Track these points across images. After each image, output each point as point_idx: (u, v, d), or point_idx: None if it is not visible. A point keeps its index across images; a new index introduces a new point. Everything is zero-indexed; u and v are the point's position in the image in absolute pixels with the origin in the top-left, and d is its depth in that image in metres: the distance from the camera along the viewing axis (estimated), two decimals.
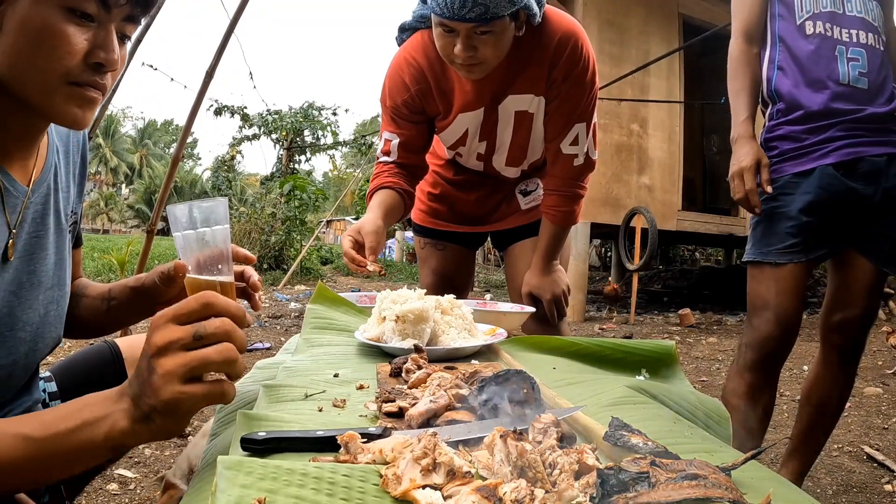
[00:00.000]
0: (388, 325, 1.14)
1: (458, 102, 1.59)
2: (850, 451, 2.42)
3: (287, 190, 10.32)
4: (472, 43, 1.36)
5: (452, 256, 1.95)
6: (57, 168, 0.95)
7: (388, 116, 1.65)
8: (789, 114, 1.62)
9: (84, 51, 0.75)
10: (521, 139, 1.67)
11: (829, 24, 1.58)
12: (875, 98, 1.56)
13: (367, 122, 37.18)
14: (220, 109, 11.62)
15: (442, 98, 1.60)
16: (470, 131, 1.66)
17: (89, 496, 1.84)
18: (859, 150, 1.55)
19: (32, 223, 0.89)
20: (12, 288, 0.86)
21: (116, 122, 47.16)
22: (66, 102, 0.77)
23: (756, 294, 1.68)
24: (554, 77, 1.53)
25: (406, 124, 1.63)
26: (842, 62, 1.56)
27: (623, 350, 1.20)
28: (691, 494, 0.47)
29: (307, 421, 0.74)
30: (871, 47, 1.57)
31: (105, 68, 0.77)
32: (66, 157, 1.00)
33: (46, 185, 0.92)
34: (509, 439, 0.56)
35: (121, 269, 7.47)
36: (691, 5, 6.90)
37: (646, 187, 6.58)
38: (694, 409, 0.95)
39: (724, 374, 3.74)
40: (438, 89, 1.58)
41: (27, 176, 0.88)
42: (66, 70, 0.75)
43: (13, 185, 0.84)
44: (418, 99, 1.59)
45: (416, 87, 1.58)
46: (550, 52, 1.49)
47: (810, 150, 1.59)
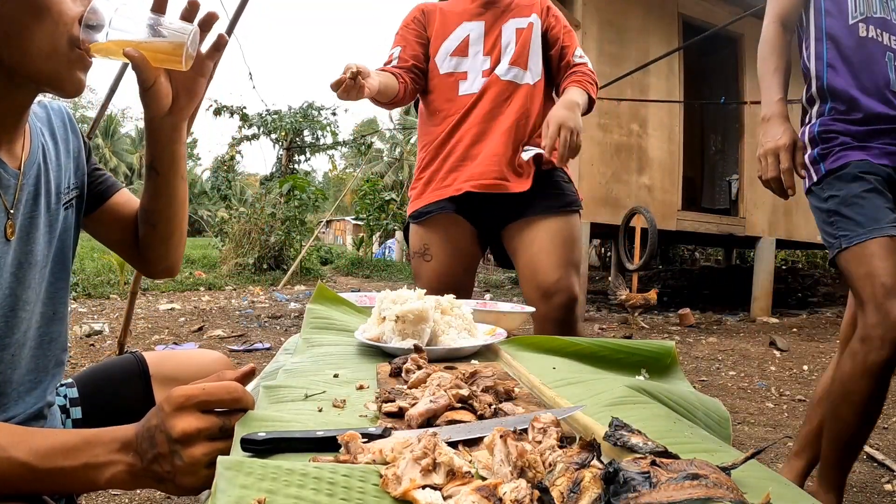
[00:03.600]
0: (388, 325, 1.14)
1: (460, 14, 1.91)
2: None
3: (286, 190, 10.31)
4: None
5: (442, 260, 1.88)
6: (45, 149, 0.96)
7: (397, 36, 1.97)
8: (849, 114, 1.56)
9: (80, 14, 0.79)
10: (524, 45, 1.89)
11: (880, 30, 1.56)
12: None
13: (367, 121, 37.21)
14: (219, 109, 11.61)
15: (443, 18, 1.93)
16: (472, 38, 1.89)
17: (89, 496, 1.84)
18: None
19: (27, 204, 0.91)
20: (12, 269, 0.88)
21: (116, 122, 47.13)
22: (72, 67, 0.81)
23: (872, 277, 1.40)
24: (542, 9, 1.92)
25: (410, 40, 1.93)
26: (891, 69, 1.55)
27: (623, 350, 1.20)
28: (693, 494, 0.47)
29: (307, 421, 0.74)
30: None
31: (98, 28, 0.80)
32: (54, 137, 1.01)
33: (37, 166, 0.93)
34: (509, 439, 0.56)
35: (120, 270, 7.47)
36: (691, 5, 6.90)
37: (645, 187, 6.58)
38: (694, 408, 0.95)
39: (724, 373, 3.74)
40: (442, 12, 1.94)
41: (16, 160, 0.89)
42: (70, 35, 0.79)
43: (4, 168, 0.86)
44: (422, 19, 1.95)
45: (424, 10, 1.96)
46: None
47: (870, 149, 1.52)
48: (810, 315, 6.78)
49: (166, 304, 6.21)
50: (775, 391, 3.34)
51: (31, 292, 0.92)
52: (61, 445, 0.67)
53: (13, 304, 0.89)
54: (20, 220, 0.89)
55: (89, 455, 0.67)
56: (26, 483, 0.66)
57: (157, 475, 0.66)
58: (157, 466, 0.65)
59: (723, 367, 3.92)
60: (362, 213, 15.10)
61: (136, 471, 0.66)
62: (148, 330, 4.69)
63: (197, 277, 8.78)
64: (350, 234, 25.50)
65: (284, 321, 5.39)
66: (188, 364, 1.26)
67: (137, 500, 1.86)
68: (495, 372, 0.93)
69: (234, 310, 6.03)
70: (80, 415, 1.10)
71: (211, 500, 0.49)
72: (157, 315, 5.49)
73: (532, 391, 0.91)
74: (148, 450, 0.66)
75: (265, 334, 4.70)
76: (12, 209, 0.87)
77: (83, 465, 0.66)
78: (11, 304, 0.88)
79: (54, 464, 0.66)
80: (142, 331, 4.64)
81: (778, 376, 3.72)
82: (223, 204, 11.76)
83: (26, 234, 0.91)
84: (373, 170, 31.07)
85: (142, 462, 0.66)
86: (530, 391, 0.92)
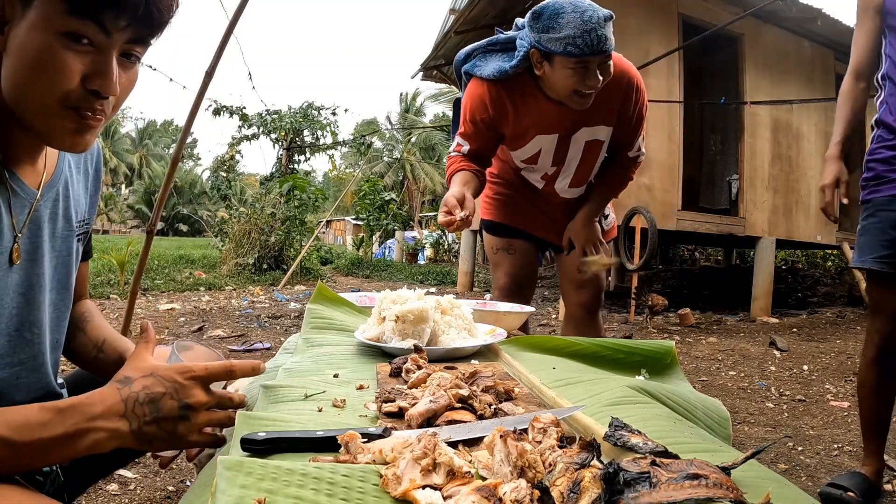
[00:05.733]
0: (388, 325, 1.14)
1: (536, 127, 1.83)
2: (850, 450, 2.42)
3: (286, 190, 10.30)
4: (601, 71, 1.63)
5: (521, 258, 2.13)
6: (68, 177, 0.96)
7: (465, 126, 1.88)
8: (888, 139, 1.81)
9: (81, 77, 0.73)
10: (588, 164, 1.94)
11: None
12: None
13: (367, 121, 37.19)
14: (218, 110, 11.60)
15: (517, 123, 1.83)
16: (543, 151, 1.89)
17: (89, 496, 1.84)
18: None
19: (41, 226, 0.89)
20: (21, 290, 0.87)
21: (116, 122, 47.11)
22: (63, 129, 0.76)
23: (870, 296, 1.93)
24: (623, 111, 1.83)
25: (478, 137, 1.87)
26: None
27: (623, 350, 1.20)
28: (693, 494, 0.47)
29: (307, 421, 0.74)
30: None
31: (101, 95, 0.76)
32: (78, 166, 1.00)
33: (56, 190, 0.92)
34: (509, 439, 0.56)
35: (120, 270, 7.47)
36: (691, 5, 6.89)
37: (645, 187, 6.57)
38: (694, 408, 0.96)
39: (724, 373, 3.74)
40: (515, 114, 1.82)
41: (37, 178, 0.88)
42: (62, 95, 0.74)
43: (21, 187, 0.85)
44: (495, 120, 1.83)
45: (496, 111, 1.81)
46: (622, 90, 1.79)
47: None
48: (810, 315, 6.78)
49: (166, 304, 6.21)
50: (775, 391, 3.34)
51: (40, 315, 0.91)
52: (37, 418, 0.69)
53: (18, 325, 0.87)
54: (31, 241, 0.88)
55: (68, 424, 0.70)
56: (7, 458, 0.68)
57: (148, 436, 0.75)
58: (153, 428, 0.75)
59: (723, 367, 3.92)
60: (362, 213, 15.08)
61: (120, 434, 0.73)
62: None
63: (197, 277, 8.78)
64: (350, 234, 25.50)
65: (284, 321, 5.39)
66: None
67: (137, 501, 1.86)
68: (495, 372, 0.93)
69: (234, 310, 6.03)
70: None
71: (211, 500, 0.49)
72: (157, 315, 5.49)
73: (532, 391, 0.91)
74: (148, 413, 0.74)
75: (265, 334, 4.70)
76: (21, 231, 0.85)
77: (63, 435, 0.69)
78: (17, 325, 0.87)
79: (33, 436, 0.68)
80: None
81: (778, 376, 3.72)
82: (223, 204, 11.74)
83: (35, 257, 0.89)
84: (372, 170, 31.07)
85: (132, 426, 0.74)
86: (530, 391, 0.92)
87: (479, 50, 1.86)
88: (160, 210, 2.97)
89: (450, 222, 1.57)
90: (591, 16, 1.55)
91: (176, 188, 36.89)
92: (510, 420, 0.74)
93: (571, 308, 2.15)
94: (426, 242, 16.22)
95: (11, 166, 0.83)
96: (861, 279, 7.33)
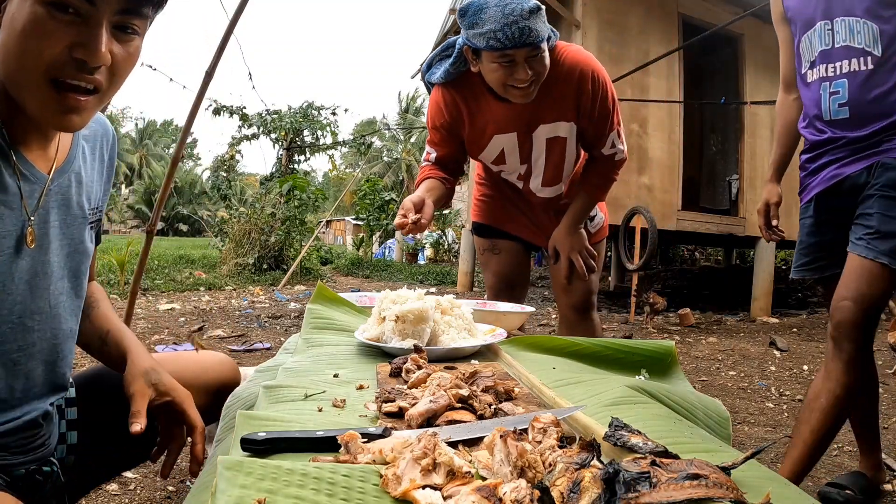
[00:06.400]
0: (388, 325, 1.14)
1: (491, 127, 1.80)
2: (850, 450, 2.42)
3: (286, 190, 10.30)
4: (530, 65, 1.58)
5: (509, 258, 2.12)
6: (81, 160, 0.94)
7: (430, 133, 1.91)
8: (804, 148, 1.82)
9: (64, 46, 0.72)
10: (556, 162, 1.89)
11: (820, 66, 1.69)
12: (858, 123, 1.63)
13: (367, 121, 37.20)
14: (218, 109, 11.59)
15: (472, 125, 1.82)
16: (506, 151, 1.86)
17: (89, 496, 1.84)
18: (840, 172, 1.69)
19: (51, 212, 0.88)
20: (27, 277, 0.86)
21: (116, 122, 47.11)
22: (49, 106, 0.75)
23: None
24: (582, 105, 1.76)
25: (442, 143, 1.88)
26: (825, 99, 1.68)
27: (623, 350, 1.20)
28: (693, 494, 0.47)
29: (307, 421, 0.74)
30: (854, 73, 1.63)
31: (88, 65, 0.74)
32: (93, 152, 0.99)
33: (67, 176, 0.91)
34: (509, 439, 0.56)
35: (121, 270, 7.47)
36: (691, 5, 6.89)
37: (645, 187, 6.57)
38: (694, 408, 0.95)
39: (724, 373, 3.75)
40: (470, 116, 1.81)
41: (48, 163, 0.87)
42: (47, 65, 0.72)
43: (31, 172, 0.84)
44: (453, 123, 1.83)
45: (450, 114, 1.82)
46: (574, 83, 1.72)
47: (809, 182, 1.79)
48: (810, 315, 6.78)
49: (166, 304, 6.21)
50: (775, 391, 3.34)
51: (42, 303, 0.89)
52: None
53: (21, 311, 0.86)
54: (41, 227, 0.87)
55: None
56: None
57: None
58: None
59: (723, 367, 3.92)
60: (362, 213, 15.09)
61: None
62: (148, 330, 4.69)
63: (197, 277, 8.78)
64: (350, 234, 25.49)
65: (284, 321, 5.39)
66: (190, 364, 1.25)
67: (137, 500, 1.86)
68: (495, 372, 0.93)
69: (234, 310, 6.03)
70: (75, 415, 1.09)
71: (211, 500, 0.49)
72: (157, 315, 5.49)
73: (532, 391, 0.91)
74: None
75: (265, 334, 4.71)
76: (32, 216, 0.84)
77: None
78: (20, 311, 0.86)
79: None
80: (142, 331, 4.63)
81: (778, 376, 3.72)
82: (223, 204, 11.74)
83: (46, 243, 0.88)
84: (372, 170, 31.06)
85: None
86: (530, 391, 0.92)
87: (436, 57, 1.85)
88: (160, 210, 2.97)
89: (402, 225, 1.60)
90: (513, 8, 1.49)
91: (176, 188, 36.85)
92: (510, 420, 0.74)
93: (562, 309, 2.15)
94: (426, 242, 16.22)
95: (21, 150, 0.82)
96: None
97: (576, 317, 2.09)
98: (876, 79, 1.60)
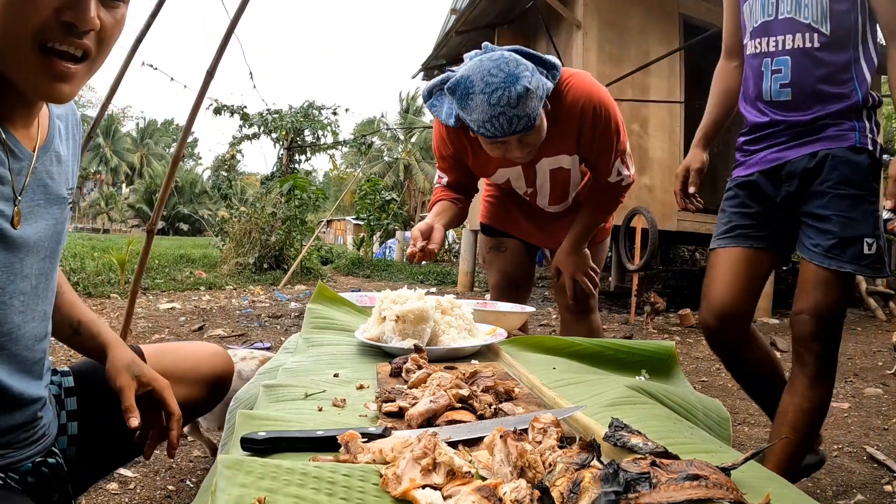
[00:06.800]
0: (389, 325, 1.14)
1: (495, 162, 1.78)
2: (850, 451, 2.42)
3: (287, 189, 10.30)
4: (524, 143, 1.56)
5: (513, 257, 2.13)
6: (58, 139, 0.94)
7: (437, 161, 1.93)
8: (742, 127, 1.72)
9: (52, 10, 0.71)
10: (561, 186, 1.89)
11: (761, 39, 1.57)
12: (801, 106, 1.53)
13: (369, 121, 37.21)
14: (219, 109, 11.59)
15: (476, 159, 1.81)
16: (512, 179, 1.88)
17: (89, 495, 1.84)
18: (780, 156, 1.59)
19: (36, 191, 0.88)
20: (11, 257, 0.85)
21: (117, 121, 47.15)
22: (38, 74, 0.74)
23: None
24: (583, 140, 1.71)
25: (451, 171, 1.91)
26: (766, 78, 1.57)
27: (623, 350, 1.20)
28: (692, 495, 0.47)
29: (307, 421, 0.74)
30: (798, 49, 1.50)
31: (77, 29, 0.73)
32: (68, 133, 0.99)
33: (49, 155, 0.91)
34: (509, 439, 0.56)
35: (121, 269, 7.48)
36: (691, 5, 6.89)
37: (646, 187, 6.57)
38: (694, 409, 0.96)
39: (724, 374, 3.74)
40: (474, 151, 1.79)
41: (32, 142, 0.87)
42: (35, 30, 0.71)
43: (18, 148, 0.83)
44: (457, 155, 1.84)
45: (455, 148, 1.82)
46: (576, 118, 1.66)
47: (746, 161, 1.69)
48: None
49: (167, 303, 6.21)
50: None
51: (25, 283, 0.88)
52: None
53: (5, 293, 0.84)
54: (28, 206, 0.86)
55: None
56: None
57: None
58: None
59: (723, 368, 3.91)
60: (363, 213, 15.09)
61: None
62: (148, 329, 4.69)
63: (197, 277, 8.78)
64: (350, 234, 25.50)
65: (285, 321, 5.39)
66: (186, 357, 1.27)
67: (137, 500, 1.86)
68: (495, 372, 0.93)
69: (234, 309, 6.03)
70: (75, 406, 1.09)
71: (211, 499, 0.49)
72: (158, 314, 5.49)
73: (532, 391, 0.91)
74: None
75: (265, 334, 4.71)
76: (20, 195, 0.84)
77: None
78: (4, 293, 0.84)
79: None
80: (142, 330, 4.64)
81: None
82: (224, 203, 11.75)
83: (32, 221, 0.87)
84: (372, 170, 31.06)
85: None
86: (530, 391, 0.92)
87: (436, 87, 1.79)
88: (161, 209, 2.97)
89: (412, 255, 1.64)
90: (499, 97, 1.42)
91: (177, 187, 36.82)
92: (510, 420, 0.74)
93: (561, 311, 2.17)
94: None
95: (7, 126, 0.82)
96: (861, 280, 7.33)
97: (573, 319, 2.10)
98: (822, 59, 1.48)
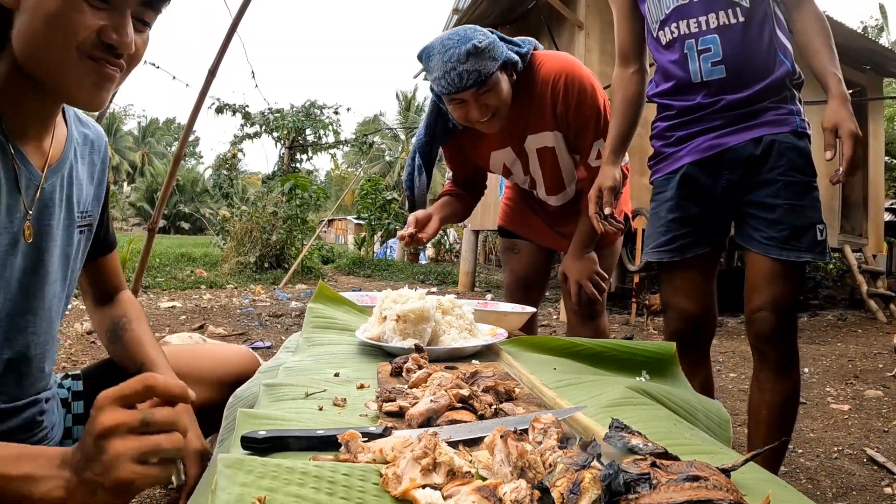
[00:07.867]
0: (389, 325, 1.14)
1: (487, 144, 1.85)
2: (850, 453, 2.42)
3: (288, 189, 10.31)
4: (481, 102, 1.60)
5: (527, 258, 2.16)
6: (73, 164, 0.95)
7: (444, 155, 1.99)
8: (660, 112, 1.65)
9: (97, 29, 0.75)
10: (552, 170, 1.88)
11: (678, 22, 1.51)
12: (737, 83, 1.47)
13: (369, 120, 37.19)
14: (220, 108, 11.60)
15: (473, 145, 1.87)
16: (507, 164, 1.90)
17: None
18: (720, 142, 1.51)
19: (45, 210, 0.88)
20: (20, 275, 0.85)
21: (118, 120, 47.18)
22: (82, 78, 0.77)
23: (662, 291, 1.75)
24: (558, 113, 1.72)
25: (454, 164, 1.99)
26: (692, 59, 1.50)
27: (624, 351, 1.20)
28: (692, 496, 0.47)
29: (307, 420, 0.74)
30: (725, 26, 1.46)
31: (117, 50, 0.77)
32: (85, 156, 0.99)
33: (61, 175, 0.91)
34: (509, 439, 0.56)
35: (122, 267, 7.48)
36: None
37: (646, 188, 6.57)
38: (694, 410, 0.95)
39: (724, 375, 3.75)
40: (471, 138, 1.85)
41: (42, 160, 0.87)
42: (79, 44, 0.75)
43: (27, 167, 0.84)
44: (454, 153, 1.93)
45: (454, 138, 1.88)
46: (548, 93, 1.69)
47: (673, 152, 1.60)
48: (811, 318, 6.77)
49: (167, 302, 6.22)
50: None
51: (36, 302, 0.89)
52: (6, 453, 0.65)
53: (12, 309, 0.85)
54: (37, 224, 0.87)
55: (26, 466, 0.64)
56: None
57: (89, 484, 0.62)
58: (88, 473, 0.62)
59: (723, 369, 3.92)
60: (364, 213, 15.09)
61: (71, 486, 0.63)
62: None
63: (198, 276, 8.79)
64: (351, 234, 25.49)
65: (285, 320, 5.40)
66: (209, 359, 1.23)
67: (137, 499, 1.86)
68: (496, 372, 0.93)
69: (235, 308, 6.03)
70: (81, 409, 1.08)
71: (211, 497, 0.49)
72: (159, 313, 5.50)
73: (532, 391, 0.91)
74: (80, 457, 0.63)
75: (266, 333, 4.71)
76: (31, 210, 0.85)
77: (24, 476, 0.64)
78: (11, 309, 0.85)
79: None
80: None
81: None
82: (225, 202, 11.77)
83: (41, 241, 0.88)
84: (373, 169, 31.05)
85: (76, 475, 0.63)
86: (531, 391, 0.92)
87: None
88: (162, 208, 2.98)
89: (402, 237, 1.74)
90: (451, 54, 1.52)
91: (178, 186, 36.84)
92: (511, 420, 0.74)
93: (568, 314, 2.18)
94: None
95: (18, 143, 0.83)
96: (862, 282, 7.32)
97: (578, 322, 2.10)
98: (750, 33, 1.45)
